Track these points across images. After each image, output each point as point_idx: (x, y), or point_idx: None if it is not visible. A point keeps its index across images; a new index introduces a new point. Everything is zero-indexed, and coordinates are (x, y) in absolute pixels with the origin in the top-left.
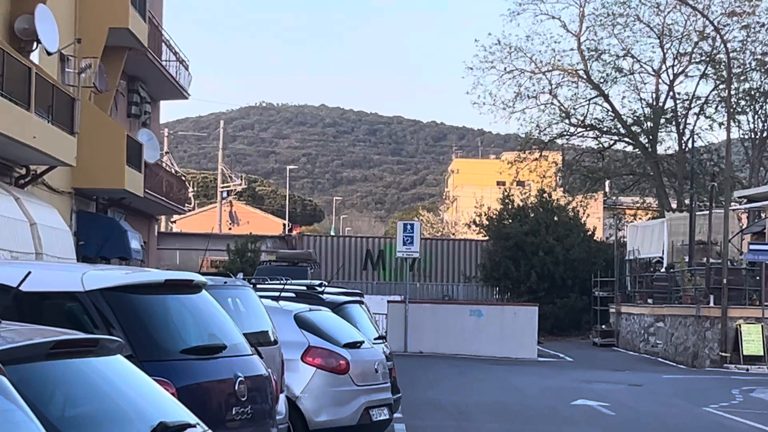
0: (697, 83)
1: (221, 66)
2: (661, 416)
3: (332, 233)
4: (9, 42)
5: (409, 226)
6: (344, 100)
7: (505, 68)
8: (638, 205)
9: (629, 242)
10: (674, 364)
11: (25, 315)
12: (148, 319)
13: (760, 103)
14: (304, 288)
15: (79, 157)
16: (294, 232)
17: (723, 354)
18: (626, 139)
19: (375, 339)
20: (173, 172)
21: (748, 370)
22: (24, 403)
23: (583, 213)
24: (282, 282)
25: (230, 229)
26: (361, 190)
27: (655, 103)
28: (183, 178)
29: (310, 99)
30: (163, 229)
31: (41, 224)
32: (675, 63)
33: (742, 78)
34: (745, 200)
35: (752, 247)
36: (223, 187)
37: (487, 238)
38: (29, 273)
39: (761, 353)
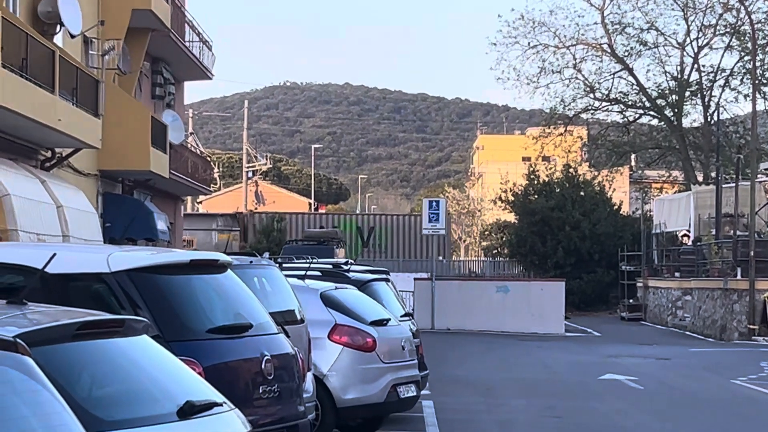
0: (722, 55)
1: (245, 46)
2: (689, 389)
3: (357, 212)
4: (32, 25)
5: (434, 203)
6: (368, 78)
7: (528, 43)
8: (664, 178)
9: (656, 216)
10: (702, 337)
11: (52, 296)
12: (174, 300)
13: None
14: (330, 266)
15: (104, 139)
16: (321, 211)
17: (751, 326)
18: (651, 113)
19: (401, 316)
20: (198, 152)
21: None
22: (51, 384)
23: (609, 187)
24: (308, 261)
25: (256, 208)
26: (387, 168)
27: (680, 76)
28: (208, 158)
29: (334, 77)
30: (189, 210)
31: (67, 206)
32: (699, 35)
33: (767, 49)
34: None
35: None
36: (248, 167)
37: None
38: (54, 255)
39: None
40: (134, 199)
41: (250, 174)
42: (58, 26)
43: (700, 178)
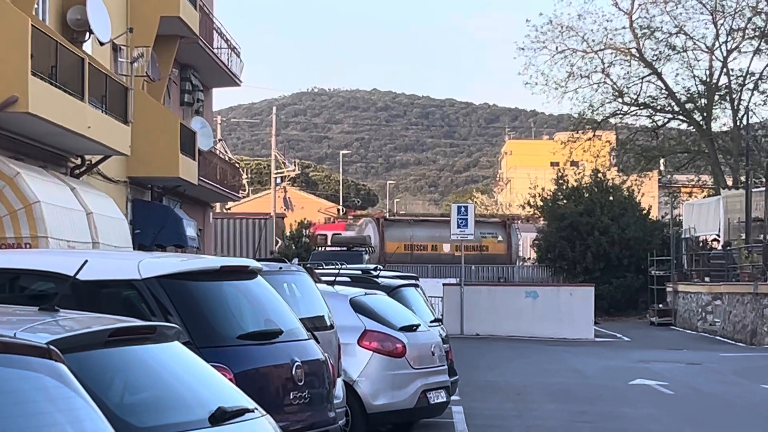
0: (751, 59)
1: (273, 52)
2: (720, 394)
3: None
4: (61, 33)
5: (463, 209)
6: (396, 84)
7: (556, 48)
8: (693, 183)
9: (685, 220)
10: (733, 342)
11: (83, 303)
12: (205, 306)
13: None
14: (360, 272)
15: (134, 145)
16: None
17: None
18: (680, 117)
19: (431, 322)
20: (227, 159)
21: None
22: (84, 391)
23: (638, 192)
24: (337, 266)
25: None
26: (415, 173)
27: (708, 80)
28: (237, 165)
29: (361, 83)
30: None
31: (97, 213)
32: (728, 39)
33: None
34: None
35: None
36: (276, 174)
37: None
38: (86, 262)
39: None
40: (163, 206)
41: (278, 180)
42: (88, 34)
43: (729, 183)
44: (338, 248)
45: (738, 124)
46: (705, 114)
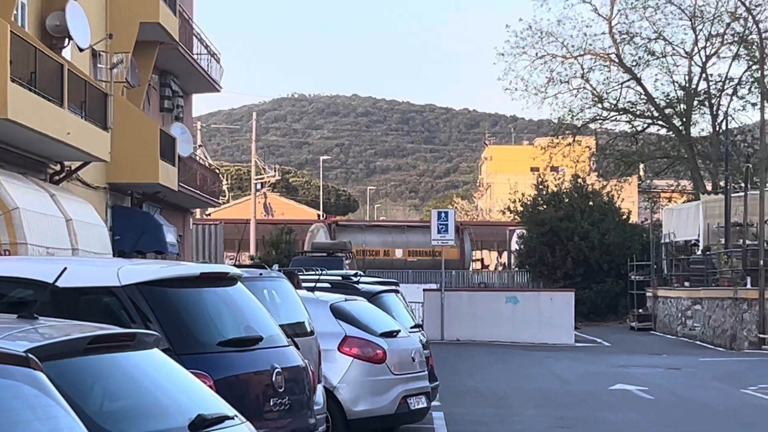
0: (730, 64)
1: (253, 58)
2: (699, 399)
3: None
4: (41, 39)
5: (443, 214)
6: (376, 90)
7: (536, 53)
8: (673, 188)
9: (665, 225)
10: (712, 346)
11: (62, 310)
12: (185, 313)
13: None
14: (340, 278)
15: (113, 152)
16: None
17: (761, 336)
18: (660, 122)
19: (411, 328)
20: (207, 165)
21: None
22: (62, 399)
23: (618, 197)
24: (317, 273)
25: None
26: (395, 179)
27: (687, 86)
28: (217, 170)
29: (342, 89)
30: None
31: (77, 220)
32: (707, 44)
33: None
34: None
35: None
36: (256, 179)
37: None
38: (65, 269)
39: None
40: (143, 212)
41: (258, 186)
42: (67, 40)
43: (708, 188)
44: (318, 254)
45: (717, 129)
46: (684, 119)
